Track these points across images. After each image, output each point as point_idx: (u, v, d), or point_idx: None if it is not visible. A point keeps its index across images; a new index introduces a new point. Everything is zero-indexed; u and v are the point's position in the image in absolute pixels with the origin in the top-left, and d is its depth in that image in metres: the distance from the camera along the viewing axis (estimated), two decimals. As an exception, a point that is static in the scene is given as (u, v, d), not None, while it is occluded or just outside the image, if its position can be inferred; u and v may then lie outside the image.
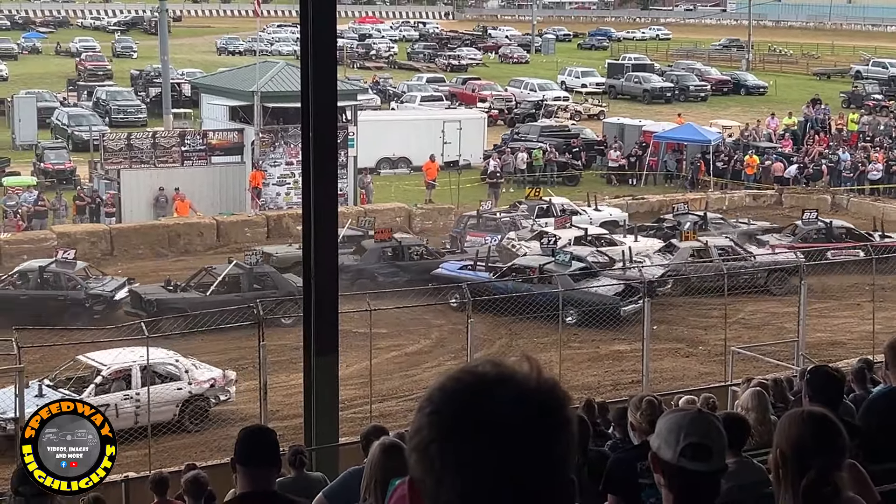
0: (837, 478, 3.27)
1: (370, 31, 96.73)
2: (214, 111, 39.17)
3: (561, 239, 28.82)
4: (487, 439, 1.72)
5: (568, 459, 1.78)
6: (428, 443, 1.75)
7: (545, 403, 1.77)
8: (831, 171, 41.44)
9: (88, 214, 34.27)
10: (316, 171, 13.14)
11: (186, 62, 68.21)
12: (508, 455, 1.72)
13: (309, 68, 13.03)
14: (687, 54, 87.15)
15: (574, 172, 42.86)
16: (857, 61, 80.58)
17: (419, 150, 43.56)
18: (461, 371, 1.79)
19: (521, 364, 1.80)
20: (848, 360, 17.28)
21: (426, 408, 1.78)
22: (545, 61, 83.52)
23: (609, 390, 20.41)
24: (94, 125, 44.00)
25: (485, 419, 1.73)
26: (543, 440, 1.75)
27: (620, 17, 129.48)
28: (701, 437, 3.11)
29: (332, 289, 13.63)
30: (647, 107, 61.13)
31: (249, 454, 5.05)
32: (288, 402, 19.42)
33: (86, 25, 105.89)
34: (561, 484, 1.77)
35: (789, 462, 3.26)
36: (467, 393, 1.76)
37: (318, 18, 12.97)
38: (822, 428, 3.30)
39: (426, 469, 1.75)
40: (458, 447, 1.73)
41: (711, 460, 3.11)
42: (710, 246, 27.59)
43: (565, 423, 1.78)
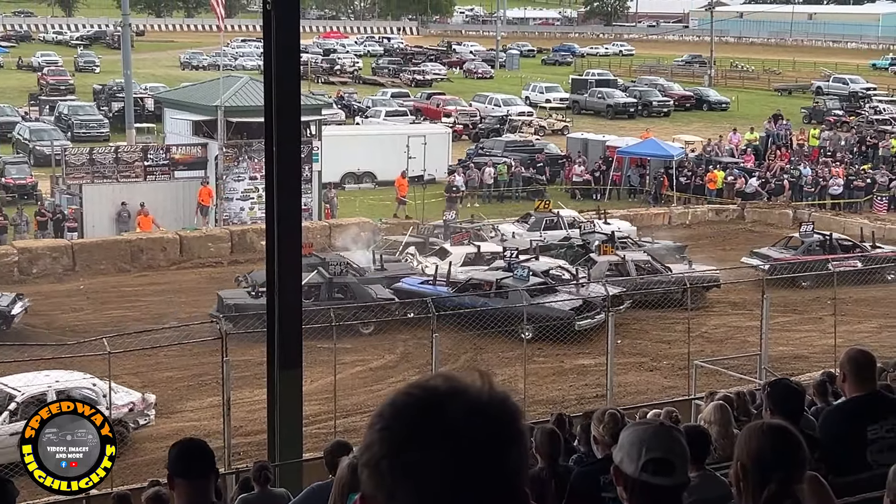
0: (798, 490, 3.28)
1: (335, 46, 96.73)
2: (178, 126, 38.98)
3: (453, 255, 28.90)
4: (439, 454, 1.71)
5: (521, 473, 1.77)
6: (379, 458, 1.73)
7: (497, 417, 1.76)
8: (793, 185, 41.80)
9: (51, 229, 33.99)
10: (279, 186, 13.11)
11: (150, 76, 67.90)
12: (460, 469, 1.71)
13: (272, 83, 13.01)
14: (650, 70, 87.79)
15: (538, 187, 43.00)
16: (818, 77, 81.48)
17: (384, 165, 43.58)
18: (412, 386, 1.78)
19: (473, 378, 1.78)
20: (810, 374, 17.43)
21: (377, 424, 1.76)
22: (509, 76, 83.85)
23: (574, 404, 20.42)
24: (55, 140, 43.65)
25: (436, 434, 1.72)
26: (495, 454, 1.74)
27: (584, 32, 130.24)
28: (663, 452, 3.11)
29: (295, 303, 13.59)
30: (611, 122, 61.45)
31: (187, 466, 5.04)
32: (251, 418, 19.32)
33: (48, 40, 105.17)
34: (514, 497, 1.76)
35: (750, 475, 3.27)
36: (418, 408, 1.75)
37: (282, 33, 12.96)
38: (782, 440, 3.32)
39: (377, 485, 1.74)
40: (408, 462, 1.71)
41: (674, 475, 3.12)
42: (628, 261, 27.80)
43: (518, 437, 1.77)
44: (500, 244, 30.66)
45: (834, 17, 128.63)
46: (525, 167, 43.57)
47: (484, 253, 29.38)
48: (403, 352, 24.28)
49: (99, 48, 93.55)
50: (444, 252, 29.39)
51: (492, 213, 38.30)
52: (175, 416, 20.94)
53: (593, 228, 33.15)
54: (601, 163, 44.19)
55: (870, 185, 41.32)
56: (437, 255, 29.34)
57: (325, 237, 32.90)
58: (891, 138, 50.71)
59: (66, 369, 19.18)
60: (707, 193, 41.57)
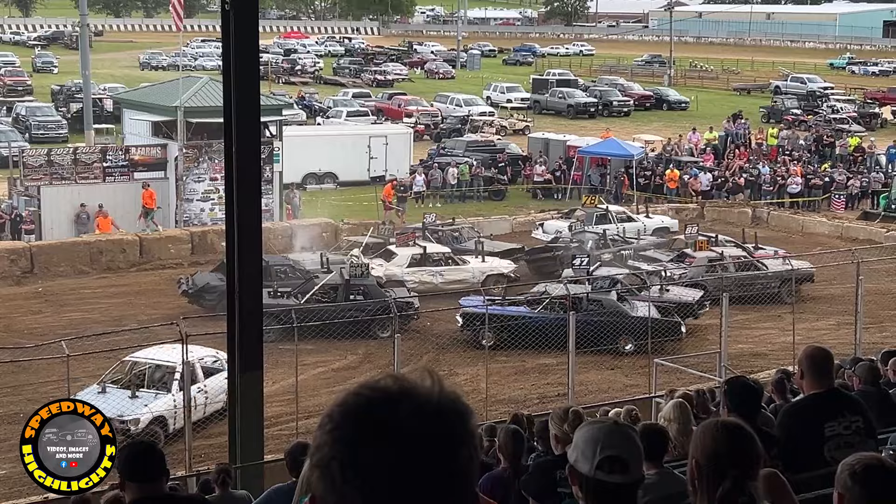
0: (752, 487, 3.31)
1: (295, 46, 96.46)
2: (137, 126, 38.70)
3: (398, 256, 28.93)
4: (388, 454, 1.70)
5: (471, 473, 1.77)
6: (329, 459, 1.73)
7: (447, 417, 1.76)
8: (751, 184, 42.13)
9: (8, 231, 33.65)
10: (240, 187, 13.05)
11: (108, 77, 67.40)
12: (410, 469, 1.71)
13: (231, 83, 12.95)
14: (610, 70, 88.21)
15: (500, 187, 43.09)
16: (777, 77, 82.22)
17: (345, 166, 43.51)
18: (362, 386, 1.78)
19: (423, 378, 1.78)
20: (769, 371, 17.56)
21: (326, 424, 1.76)
22: (471, 77, 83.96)
23: (535, 403, 20.48)
24: (13, 141, 43.17)
25: (385, 434, 1.71)
26: (446, 454, 1.74)
27: (545, 33, 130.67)
28: (617, 450, 3.12)
29: (256, 305, 13.53)
30: (572, 122, 61.66)
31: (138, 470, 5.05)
32: (212, 420, 19.22)
33: (5, 40, 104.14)
34: (464, 498, 1.76)
35: (704, 472, 3.29)
36: (367, 408, 1.74)
37: (241, 33, 12.90)
38: (736, 438, 3.34)
39: (328, 486, 1.73)
40: (358, 463, 1.71)
41: (628, 472, 3.13)
42: (726, 256, 28.06)
43: (468, 437, 1.77)
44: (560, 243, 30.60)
45: (792, 16, 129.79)
46: (486, 167, 43.64)
47: (430, 254, 29.22)
48: (365, 353, 24.24)
49: (57, 48, 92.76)
50: (390, 253, 29.31)
51: (454, 213, 38.34)
52: (135, 418, 20.77)
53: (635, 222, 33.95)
54: (562, 162, 44.33)
55: (828, 183, 41.73)
56: (382, 256, 29.26)
57: (286, 238, 32.77)
58: (848, 137, 51.24)
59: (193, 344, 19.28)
60: (667, 192, 41.82)
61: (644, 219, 35.45)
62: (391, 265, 28.69)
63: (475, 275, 29.03)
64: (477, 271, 29.21)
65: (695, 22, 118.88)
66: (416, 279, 28.39)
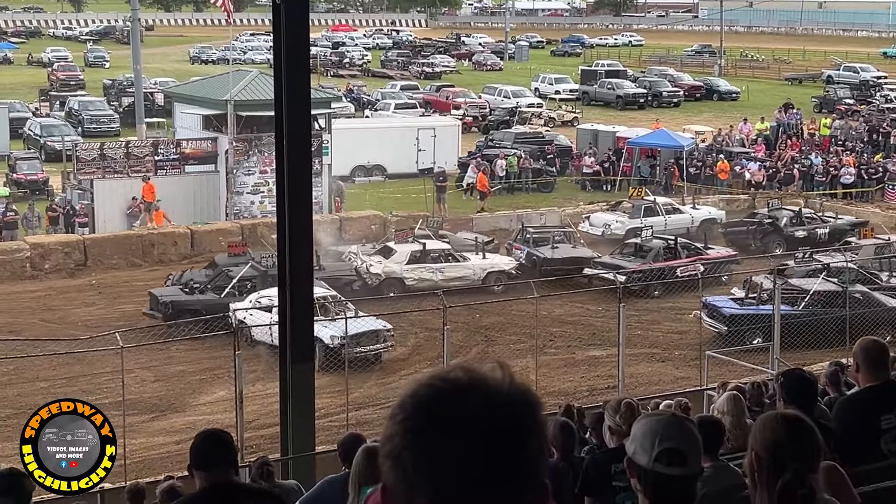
0: (813, 480, 3.28)
1: (344, 40, 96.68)
2: (188, 120, 39.02)
3: (397, 253, 28.72)
4: (459, 445, 1.72)
5: (540, 464, 1.78)
6: (400, 450, 1.74)
7: (517, 408, 1.77)
8: (804, 175, 41.70)
9: (62, 224, 34.08)
10: (290, 180, 13.10)
11: (159, 71, 67.94)
12: (480, 460, 1.72)
13: (282, 77, 13.00)
14: (660, 60, 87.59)
15: (548, 179, 42.96)
16: (829, 66, 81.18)
17: (393, 158, 43.57)
18: (432, 377, 1.79)
19: (493, 369, 1.79)
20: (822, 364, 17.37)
21: (398, 415, 1.77)
22: (519, 68, 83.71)
23: (585, 396, 20.43)
24: (66, 135, 43.73)
25: (456, 425, 1.73)
26: (516, 445, 1.75)
27: (593, 23, 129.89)
28: (676, 442, 3.11)
29: (307, 297, 13.60)
30: (621, 113, 61.33)
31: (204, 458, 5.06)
32: (264, 412, 19.35)
33: (58, 35, 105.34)
34: (533, 488, 1.77)
35: (764, 464, 3.27)
36: (439, 399, 1.75)
37: (291, 27, 12.95)
38: (797, 430, 3.31)
39: (399, 476, 1.75)
40: (430, 454, 1.72)
41: (686, 465, 3.12)
42: (893, 242, 27.96)
43: (537, 428, 1.78)
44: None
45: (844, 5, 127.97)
46: (534, 159, 43.50)
47: (430, 251, 28.89)
48: (415, 344, 24.31)
49: (109, 43, 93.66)
50: (389, 250, 29.10)
51: (502, 206, 38.32)
52: (188, 410, 21.00)
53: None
54: (611, 154, 44.11)
55: (881, 173, 41.20)
56: (381, 253, 29.09)
57: (335, 230, 32.92)
58: (902, 127, 50.54)
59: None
60: (717, 184, 41.50)
61: (692, 210, 35.21)
62: (390, 262, 28.47)
63: (475, 272, 28.63)
64: (478, 268, 28.82)
65: (745, 11, 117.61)
66: (415, 276, 28.15)
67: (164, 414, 20.73)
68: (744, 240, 32.78)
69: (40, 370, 21.36)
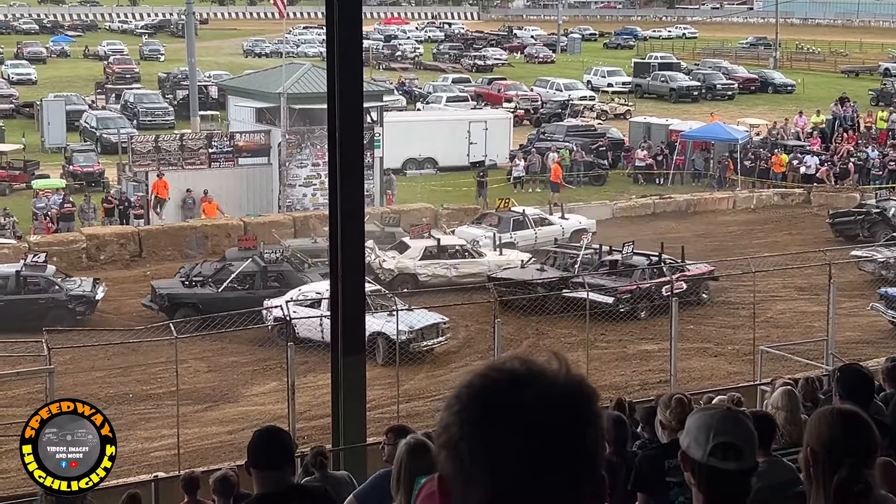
0: (869, 475, 3.25)
1: (396, 32, 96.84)
2: (241, 113, 39.31)
3: (411, 249, 28.42)
4: (516, 436, 1.71)
5: (597, 456, 1.77)
6: (457, 440, 1.74)
7: (574, 399, 1.76)
8: (860, 169, 41.19)
9: (117, 216, 34.48)
10: (342, 172, 13.15)
11: (213, 64, 68.48)
12: (537, 452, 1.71)
13: (335, 70, 13.05)
14: (714, 53, 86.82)
15: (600, 172, 42.78)
16: (886, 59, 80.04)
17: (445, 151, 43.58)
18: (489, 368, 1.78)
19: (550, 360, 1.78)
20: (877, 359, 17.16)
21: (454, 405, 1.76)
22: (571, 61, 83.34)
23: (637, 390, 20.34)
24: (122, 128, 44.27)
25: (513, 416, 1.72)
26: (572, 436, 1.74)
27: (646, 15, 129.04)
28: (731, 437, 3.08)
29: (359, 289, 13.64)
30: (674, 106, 60.90)
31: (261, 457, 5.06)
32: (315, 403, 19.46)
33: (113, 29, 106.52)
34: (591, 481, 1.76)
35: (820, 460, 3.23)
36: (495, 389, 1.75)
37: (344, 20, 12.99)
38: (853, 425, 3.28)
39: (455, 467, 1.74)
40: (487, 444, 1.72)
41: (742, 459, 3.09)
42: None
43: (594, 419, 1.77)
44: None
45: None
46: (587, 152, 43.33)
47: (445, 246, 28.58)
48: (465, 337, 24.32)
49: (163, 37, 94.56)
50: (403, 245, 28.89)
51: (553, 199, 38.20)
52: (241, 400, 21.17)
53: None
54: (664, 147, 43.83)
55: (940, 167, 40.59)
56: (396, 248, 28.91)
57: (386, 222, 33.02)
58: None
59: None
60: (772, 177, 41.09)
61: (561, 221, 33.23)
62: (404, 257, 28.27)
63: (491, 268, 28.07)
64: (493, 264, 28.32)
65: (801, 3, 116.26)
66: (429, 272, 27.90)
67: (217, 404, 20.92)
68: (851, 230, 32.78)
69: (96, 360, 21.64)
